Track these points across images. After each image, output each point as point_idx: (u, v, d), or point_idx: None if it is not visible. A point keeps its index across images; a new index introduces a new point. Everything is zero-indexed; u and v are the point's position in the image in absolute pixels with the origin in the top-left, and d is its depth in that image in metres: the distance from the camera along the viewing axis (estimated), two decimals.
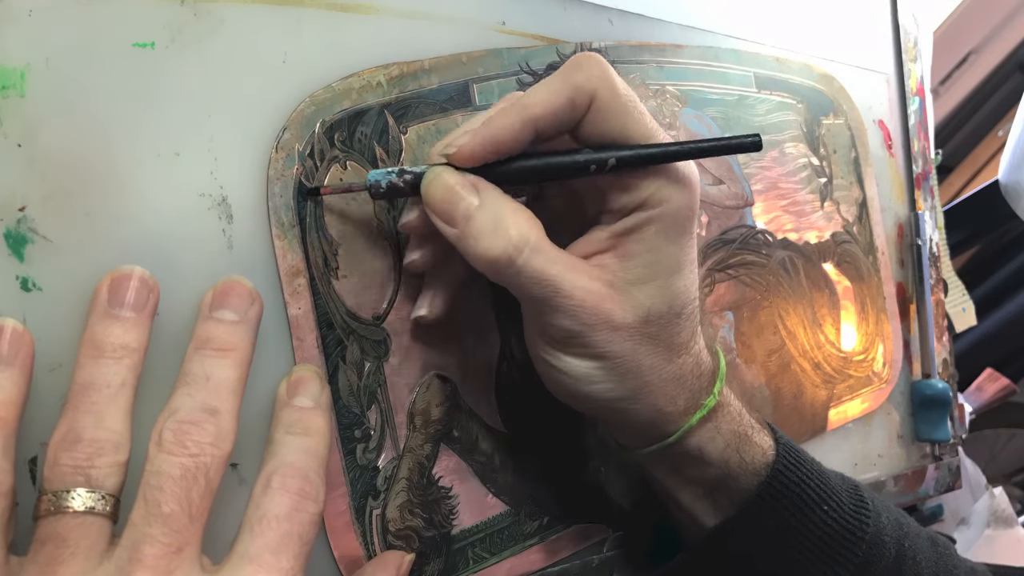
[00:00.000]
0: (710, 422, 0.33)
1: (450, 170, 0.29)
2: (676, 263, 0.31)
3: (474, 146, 0.29)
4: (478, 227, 0.28)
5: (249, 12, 0.30)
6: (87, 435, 0.23)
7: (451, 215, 0.29)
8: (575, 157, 0.30)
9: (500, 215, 0.29)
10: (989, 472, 0.80)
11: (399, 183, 0.30)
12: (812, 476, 0.34)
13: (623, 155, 0.29)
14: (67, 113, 0.26)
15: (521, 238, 0.28)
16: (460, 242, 0.29)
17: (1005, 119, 1.39)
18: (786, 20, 0.54)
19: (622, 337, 0.30)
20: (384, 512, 0.32)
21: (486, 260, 0.28)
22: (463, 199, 0.29)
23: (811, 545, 0.34)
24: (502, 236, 0.28)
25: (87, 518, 0.23)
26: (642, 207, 0.30)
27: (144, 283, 0.26)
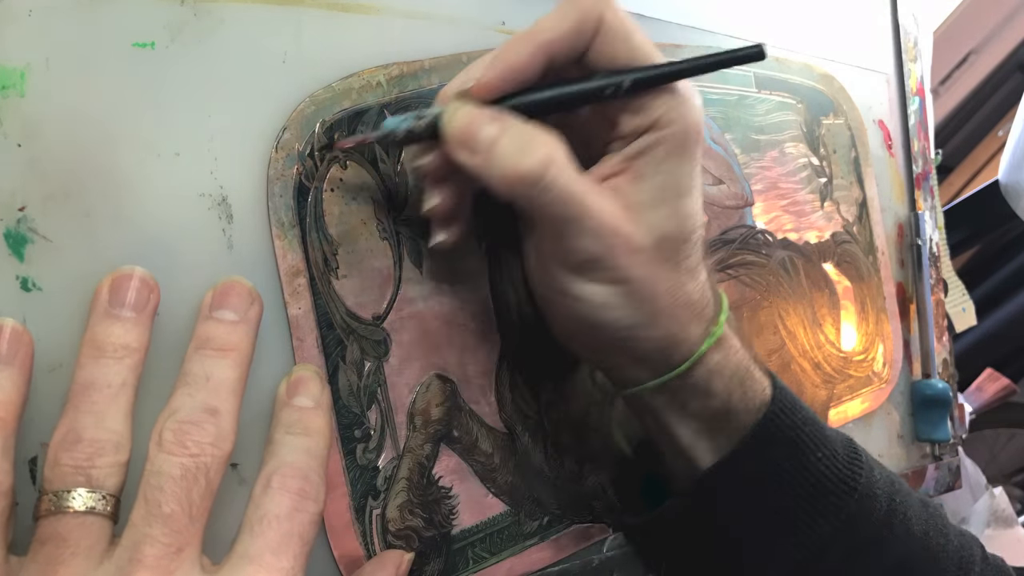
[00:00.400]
0: (718, 352, 0.33)
1: (469, 103, 0.30)
2: (685, 185, 0.31)
3: (491, 78, 0.29)
4: (504, 149, 0.28)
5: (249, 12, 0.30)
6: (88, 435, 0.23)
7: (475, 143, 0.29)
8: (590, 83, 0.30)
9: (525, 136, 0.29)
10: (989, 472, 0.80)
11: (418, 126, 0.30)
12: (808, 421, 0.34)
13: (638, 76, 0.30)
14: (67, 113, 0.26)
15: (548, 155, 0.28)
16: (485, 168, 0.29)
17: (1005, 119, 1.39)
18: (786, 20, 0.54)
19: (640, 261, 0.30)
20: (384, 512, 0.32)
21: (516, 176, 0.28)
22: (486, 126, 0.29)
23: (803, 492, 0.33)
24: (529, 154, 0.28)
25: (87, 518, 0.23)
26: (652, 128, 0.30)
27: (145, 283, 0.26)
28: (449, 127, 0.29)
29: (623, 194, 0.30)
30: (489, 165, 0.29)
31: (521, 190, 0.29)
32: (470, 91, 0.29)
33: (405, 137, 0.30)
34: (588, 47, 0.30)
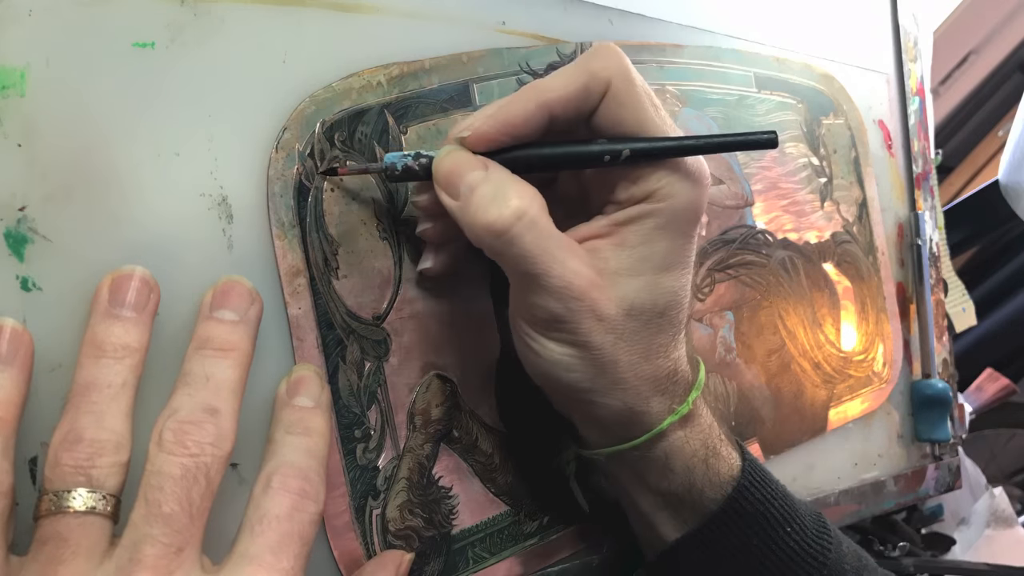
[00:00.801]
0: (680, 430, 0.33)
1: (462, 149, 0.30)
2: (669, 261, 0.30)
3: (488, 129, 0.29)
4: (480, 196, 0.28)
5: (249, 12, 0.30)
6: (88, 435, 0.23)
7: (456, 187, 0.29)
8: (590, 147, 0.30)
9: (503, 187, 0.29)
10: (989, 472, 0.80)
11: (414, 166, 0.30)
12: (777, 496, 0.34)
13: (637, 146, 0.29)
14: (67, 113, 0.26)
15: (520, 208, 0.28)
16: (461, 212, 0.29)
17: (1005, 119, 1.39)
18: (786, 20, 0.54)
19: (604, 328, 0.30)
20: (384, 512, 0.32)
21: (482, 225, 0.28)
22: (469, 172, 0.29)
23: (772, 566, 0.33)
24: (501, 204, 0.28)
25: (88, 518, 0.23)
26: (647, 199, 0.30)
27: (145, 283, 0.26)
28: (437, 170, 0.30)
29: (601, 258, 0.30)
30: (464, 211, 0.29)
31: (487, 240, 0.29)
32: (465, 140, 0.29)
33: (403, 173, 0.31)
34: (594, 111, 0.30)
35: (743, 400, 0.47)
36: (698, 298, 0.46)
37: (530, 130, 0.29)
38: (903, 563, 0.59)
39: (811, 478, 0.52)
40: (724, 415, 0.46)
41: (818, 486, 0.53)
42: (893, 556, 0.61)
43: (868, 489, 0.56)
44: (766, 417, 0.49)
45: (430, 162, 0.30)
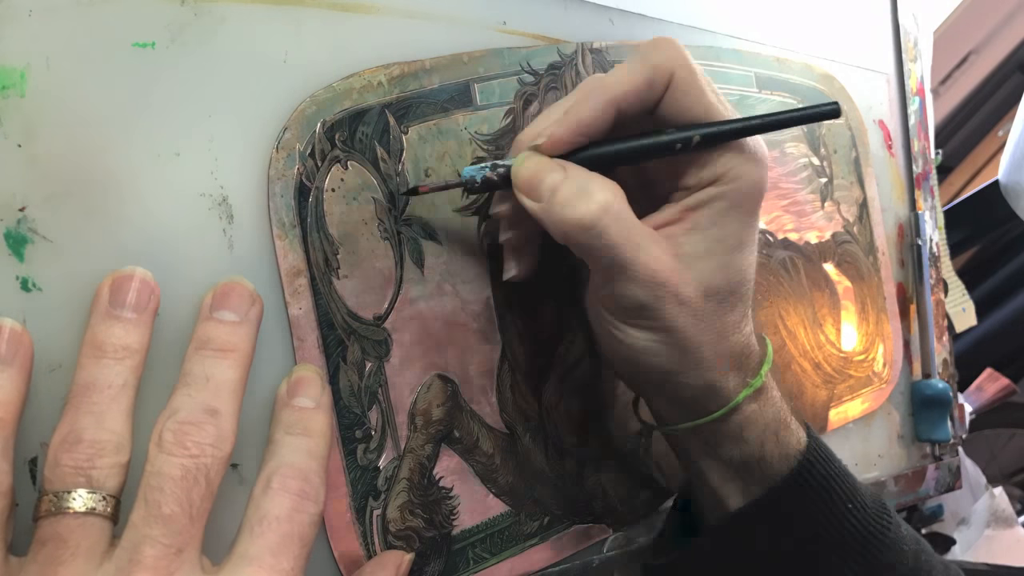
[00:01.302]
0: (755, 402, 0.34)
1: (539, 155, 0.31)
2: (739, 240, 0.32)
3: (562, 133, 0.30)
4: (564, 196, 0.30)
5: (250, 12, 0.30)
6: (88, 436, 0.23)
7: (538, 190, 0.30)
8: (661, 137, 0.31)
9: (585, 183, 0.30)
10: (989, 472, 0.80)
11: (493, 176, 0.32)
12: (840, 473, 0.35)
13: (707, 131, 0.30)
14: (67, 113, 0.26)
15: (605, 202, 0.29)
16: (545, 213, 0.30)
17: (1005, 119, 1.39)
18: (786, 20, 0.54)
19: (685, 311, 0.31)
20: (385, 512, 0.32)
21: (572, 222, 0.29)
22: (549, 175, 0.30)
23: (833, 540, 0.34)
24: (586, 200, 0.29)
25: (88, 519, 0.23)
26: (716, 182, 0.31)
27: (145, 284, 0.26)
28: (517, 176, 0.31)
29: (676, 243, 0.31)
30: (549, 211, 0.30)
31: (575, 235, 0.30)
32: (541, 147, 0.31)
33: (483, 184, 0.32)
34: (659, 102, 0.31)
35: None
36: None
37: (601, 128, 0.31)
38: None
39: None
40: None
41: None
42: None
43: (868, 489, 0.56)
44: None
45: (508, 171, 0.31)
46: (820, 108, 0.31)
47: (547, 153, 0.31)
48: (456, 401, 0.35)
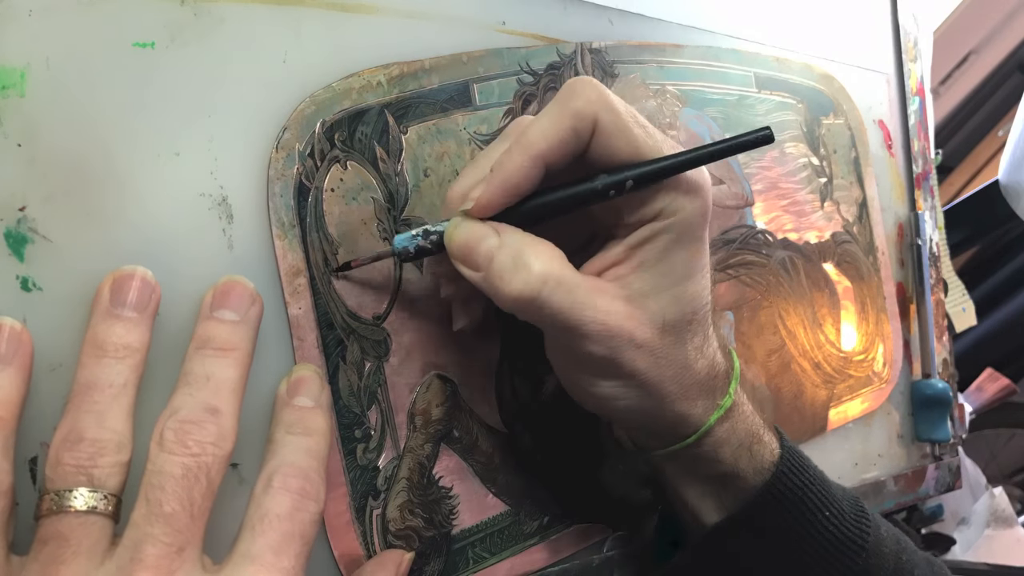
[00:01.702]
0: (726, 422, 0.34)
1: (470, 220, 0.30)
2: (688, 269, 0.31)
3: (490, 195, 0.29)
4: (500, 265, 0.29)
5: (249, 12, 0.30)
6: (89, 435, 0.23)
7: (474, 259, 0.29)
8: (592, 184, 0.30)
9: (520, 251, 0.29)
10: (989, 472, 0.80)
11: (426, 244, 0.31)
12: (815, 481, 0.35)
13: (639, 173, 0.29)
14: (67, 113, 0.26)
15: (543, 271, 0.28)
16: (485, 284, 0.29)
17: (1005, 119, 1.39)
18: (786, 20, 0.54)
19: (644, 354, 0.30)
20: (384, 512, 0.32)
21: (511, 298, 0.28)
22: (483, 241, 0.29)
23: (811, 549, 0.34)
24: (524, 271, 0.28)
25: (89, 517, 0.23)
26: (657, 217, 0.30)
27: (146, 283, 0.26)
28: (450, 244, 0.30)
29: (625, 284, 0.30)
30: (489, 282, 0.29)
31: (518, 309, 0.29)
32: (470, 212, 0.30)
33: (417, 253, 0.31)
34: (586, 149, 0.30)
35: (753, 401, 0.47)
36: None
37: (529, 184, 0.29)
38: None
39: None
40: None
41: None
42: None
43: (868, 489, 0.56)
44: (766, 417, 0.49)
45: (441, 236, 0.30)
46: (753, 135, 0.30)
47: (477, 217, 0.30)
48: (455, 401, 0.35)
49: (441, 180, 0.35)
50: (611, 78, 0.42)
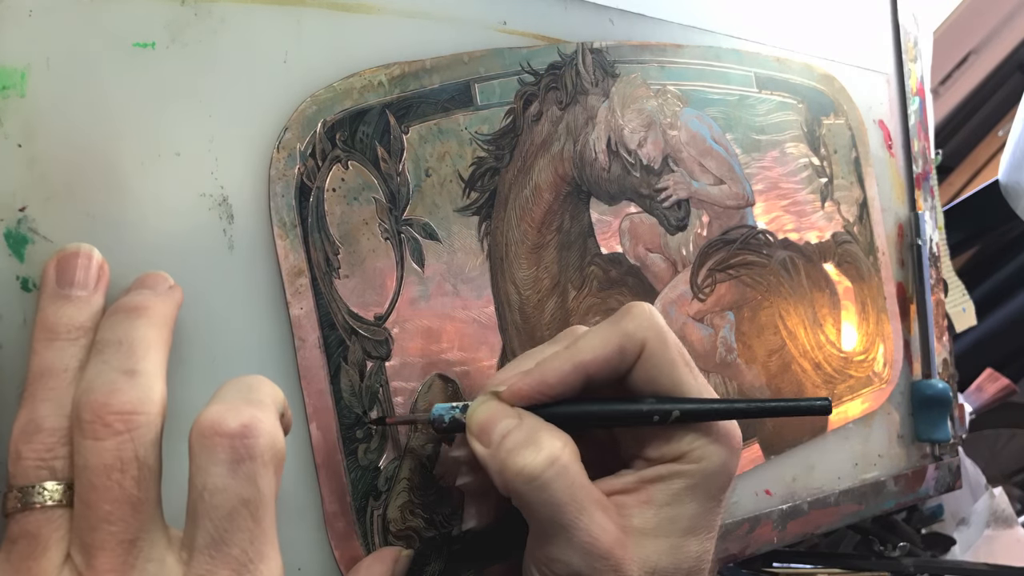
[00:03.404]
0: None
1: (498, 400, 0.30)
2: (695, 524, 0.30)
3: (523, 386, 0.29)
4: (511, 441, 0.28)
5: (250, 12, 0.30)
6: (48, 424, 0.22)
7: (489, 435, 0.29)
8: (639, 406, 0.29)
9: (535, 432, 0.28)
10: (989, 472, 0.80)
11: (462, 418, 0.30)
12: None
13: (688, 408, 0.29)
14: (67, 113, 0.26)
15: (552, 454, 0.28)
16: (491, 459, 0.29)
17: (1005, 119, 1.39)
18: (786, 20, 0.54)
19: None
20: (385, 512, 0.32)
21: (513, 471, 0.28)
22: (503, 420, 0.29)
23: None
24: (534, 450, 0.28)
25: (56, 511, 0.22)
26: (679, 459, 0.30)
27: (92, 260, 0.25)
28: (471, 419, 0.30)
29: (626, 514, 0.29)
30: (495, 456, 0.28)
31: (516, 485, 0.28)
32: (501, 394, 0.30)
33: (450, 425, 0.30)
34: (630, 370, 0.30)
35: None
36: (699, 298, 0.46)
37: (565, 389, 0.29)
38: (903, 563, 0.59)
39: (811, 478, 0.52)
40: None
41: (818, 486, 0.53)
42: (893, 556, 0.61)
43: (868, 489, 0.56)
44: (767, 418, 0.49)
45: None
46: (811, 403, 0.30)
47: (507, 402, 0.29)
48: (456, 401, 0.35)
49: (443, 180, 0.35)
50: (612, 78, 0.42)
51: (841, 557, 0.63)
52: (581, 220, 0.40)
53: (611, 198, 0.42)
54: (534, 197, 0.38)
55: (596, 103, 0.41)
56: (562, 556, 0.28)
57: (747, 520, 0.47)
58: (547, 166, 0.39)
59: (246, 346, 0.29)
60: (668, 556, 0.29)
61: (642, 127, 0.43)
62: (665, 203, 0.44)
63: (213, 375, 0.28)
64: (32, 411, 0.23)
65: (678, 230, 0.45)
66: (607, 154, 0.41)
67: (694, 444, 0.29)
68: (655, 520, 0.29)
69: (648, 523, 0.29)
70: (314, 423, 0.30)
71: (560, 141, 0.39)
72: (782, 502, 0.50)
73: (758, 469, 0.48)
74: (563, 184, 0.39)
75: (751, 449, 0.48)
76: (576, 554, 0.28)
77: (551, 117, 0.39)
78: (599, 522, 0.28)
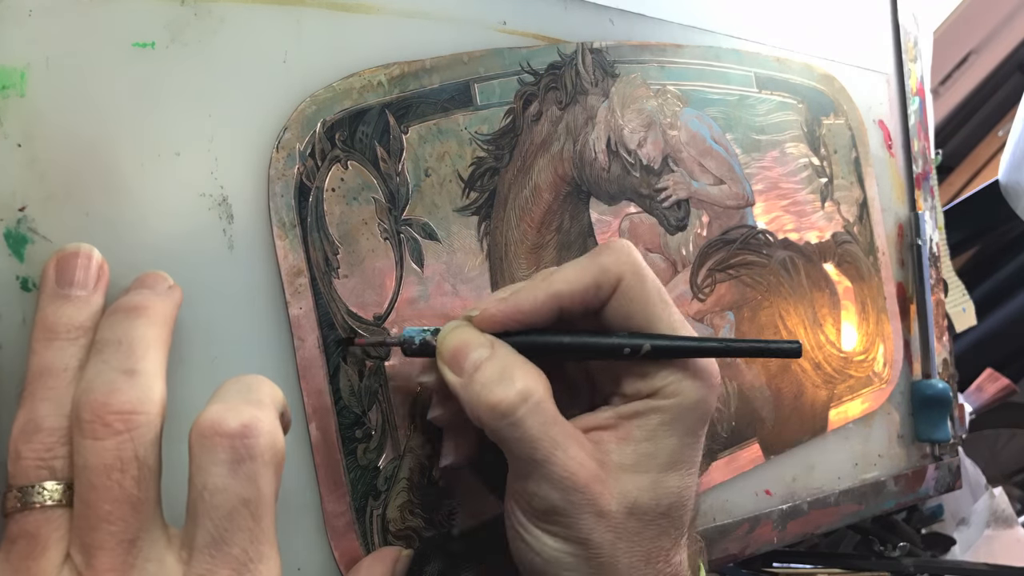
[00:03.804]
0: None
1: (470, 326, 0.29)
2: (674, 459, 0.29)
3: (496, 311, 0.29)
4: (485, 376, 0.28)
5: (250, 12, 0.30)
6: (47, 424, 0.22)
7: (460, 365, 0.29)
8: (610, 339, 0.29)
9: (509, 367, 0.28)
10: (989, 472, 0.80)
11: (432, 340, 0.30)
12: None
13: (659, 344, 0.29)
14: (67, 113, 0.26)
15: (526, 390, 0.27)
16: (463, 390, 0.28)
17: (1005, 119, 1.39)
18: (786, 20, 0.54)
19: (604, 526, 0.28)
20: (385, 512, 0.32)
21: (486, 406, 0.27)
22: (476, 349, 0.29)
23: None
24: (506, 385, 0.27)
25: (55, 511, 0.22)
26: (654, 395, 0.29)
27: (92, 259, 0.25)
28: (442, 343, 0.29)
29: (604, 450, 0.29)
30: (467, 388, 0.28)
31: (491, 421, 0.28)
32: (473, 319, 0.29)
33: (420, 347, 0.30)
34: (604, 304, 0.29)
35: (743, 400, 0.47)
36: (699, 298, 0.46)
37: (539, 318, 0.29)
38: (903, 563, 0.59)
39: (811, 478, 0.52)
40: (725, 415, 0.46)
41: (819, 486, 0.53)
42: (893, 556, 0.61)
43: (868, 489, 0.56)
44: (766, 417, 0.49)
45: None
46: (780, 345, 0.30)
47: (479, 328, 0.29)
48: None
49: (442, 180, 0.35)
50: (611, 78, 0.42)
51: (841, 557, 0.63)
52: (581, 220, 0.40)
53: (611, 198, 0.42)
54: (534, 197, 0.38)
55: (596, 103, 0.41)
56: (539, 491, 0.28)
57: (747, 520, 0.47)
58: (547, 166, 0.39)
59: (245, 346, 0.29)
60: (648, 491, 0.29)
61: (642, 127, 0.43)
62: (665, 203, 0.44)
63: (212, 375, 0.28)
64: (31, 411, 0.23)
65: (678, 230, 0.45)
66: (607, 154, 0.41)
67: (669, 379, 0.29)
68: (634, 456, 0.29)
69: (627, 459, 0.29)
70: (313, 423, 0.30)
71: (560, 141, 0.39)
72: (782, 502, 0.50)
73: (758, 469, 0.48)
74: (563, 184, 0.39)
75: (751, 449, 0.48)
76: (553, 489, 0.28)
77: (551, 117, 0.39)
78: (575, 456, 0.28)
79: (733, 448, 0.46)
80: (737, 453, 0.47)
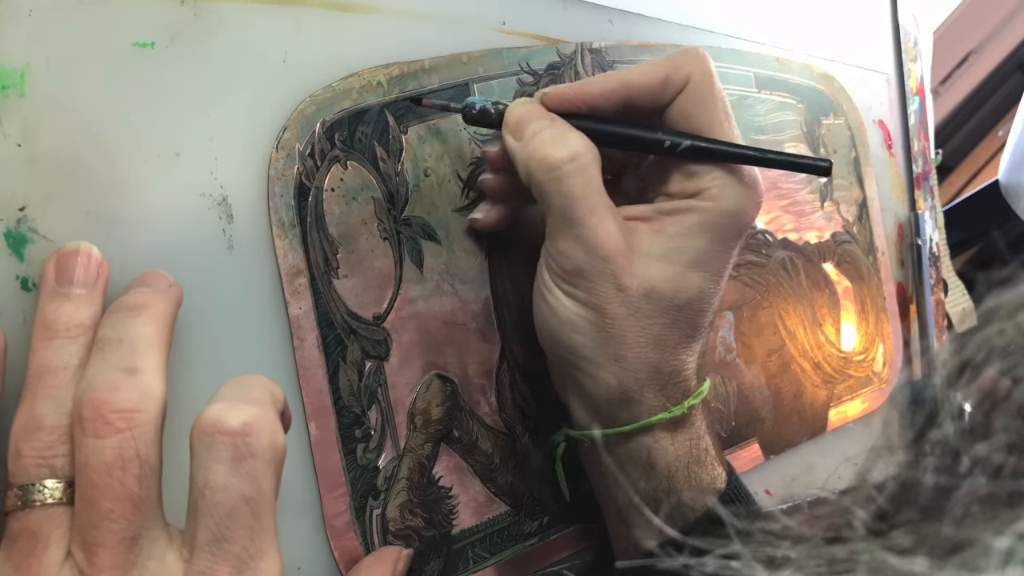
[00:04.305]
0: (668, 432, 0.32)
1: (536, 102, 0.31)
2: (701, 260, 0.31)
3: (566, 91, 0.31)
4: (541, 138, 0.30)
5: (249, 12, 0.30)
6: (48, 422, 0.22)
7: (522, 132, 0.31)
8: (653, 133, 0.31)
9: (566, 132, 0.30)
10: None
11: (491, 109, 0.32)
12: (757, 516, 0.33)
13: (698, 143, 0.30)
14: (67, 113, 0.26)
15: (576, 151, 0.29)
16: (520, 151, 0.30)
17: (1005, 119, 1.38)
18: (786, 20, 0.54)
19: (620, 300, 0.30)
20: (384, 512, 0.32)
21: (537, 159, 0.30)
22: (538, 120, 0.31)
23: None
24: (560, 146, 0.30)
25: (56, 509, 0.22)
26: (696, 196, 0.31)
27: (92, 258, 0.25)
28: (509, 112, 0.31)
29: (637, 236, 0.31)
30: (523, 149, 0.30)
31: (536, 172, 0.30)
32: (544, 95, 0.31)
33: (479, 114, 0.32)
34: (670, 103, 0.31)
35: (743, 400, 0.47)
36: None
37: (607, 105, 0.31)
38: None
39: (811, 478, 0.52)
40: (724, 415, 0.46)
41: (818, 486, 0.53)
42: None
43: None
44: (766, 417, 0.49)
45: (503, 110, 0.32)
46: (814, 161, 0.32)
47: (546, 105, 0.31)
48: (455, 400, 0.35)
49: (441, 180, 0.35)
50: None
51: None
52: None
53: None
54: None
55: None
56: (568, 250, 0.30)
57: None
58: None
59: (245, 345, 0.29)
60: (668, 282, 0.30)
61: None
62: None
63: (213, 374, 0.28)
64: (32, 409, 0.23)
65: None
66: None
67: (714, 182, 0.31)
68: (662, 248, 0.31)
69: (656, 248, 0.31)
70: (313, 422, 0.31)
71: None
72: (782, 502, 0.50)
73: (758, 469, 0.48)
74: None
75: (751, 449, 0.48)
76: (582, 250, 0.30)
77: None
78: (607, 226, 0.30)
79: (733, 448, 0.46)
80: (737, 453, 0.47)
